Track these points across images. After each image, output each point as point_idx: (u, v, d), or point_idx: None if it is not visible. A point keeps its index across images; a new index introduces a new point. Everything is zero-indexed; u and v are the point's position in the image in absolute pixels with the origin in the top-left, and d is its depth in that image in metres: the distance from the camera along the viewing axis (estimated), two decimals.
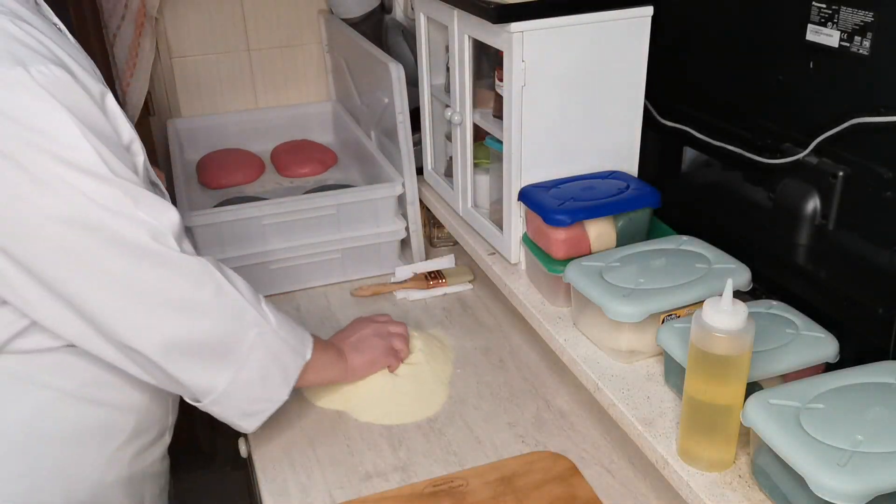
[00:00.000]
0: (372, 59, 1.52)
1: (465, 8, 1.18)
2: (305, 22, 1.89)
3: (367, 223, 1.47)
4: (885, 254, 0.94)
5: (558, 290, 1.15)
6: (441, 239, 1.61)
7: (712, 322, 0.79)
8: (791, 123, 1.04)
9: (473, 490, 1.02)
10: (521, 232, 1.23)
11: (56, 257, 0.86)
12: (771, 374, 0.89)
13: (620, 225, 1.16)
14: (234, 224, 1.38)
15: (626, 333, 1.01)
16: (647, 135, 1.24)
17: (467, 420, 1.16)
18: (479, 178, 1.35)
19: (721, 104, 1.16)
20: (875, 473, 0.71)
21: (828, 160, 0.99)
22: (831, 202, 0.99)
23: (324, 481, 1.05)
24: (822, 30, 0.95)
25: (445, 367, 1.25)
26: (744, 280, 1.03)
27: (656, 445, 0.91)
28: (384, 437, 1.13)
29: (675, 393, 0.98)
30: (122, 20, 1.67)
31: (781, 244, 1.07)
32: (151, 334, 0.91)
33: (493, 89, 1.25)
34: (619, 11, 1.13)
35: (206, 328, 0.94)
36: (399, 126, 1.43)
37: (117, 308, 0.89)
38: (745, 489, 0.84)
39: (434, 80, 1.46)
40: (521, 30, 1.09)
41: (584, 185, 1.18)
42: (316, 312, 1.42)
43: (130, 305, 0.90)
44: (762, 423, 0.79)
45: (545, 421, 1.15)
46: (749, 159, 1.10)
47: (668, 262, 1.06)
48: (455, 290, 1.47)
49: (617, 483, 1.05)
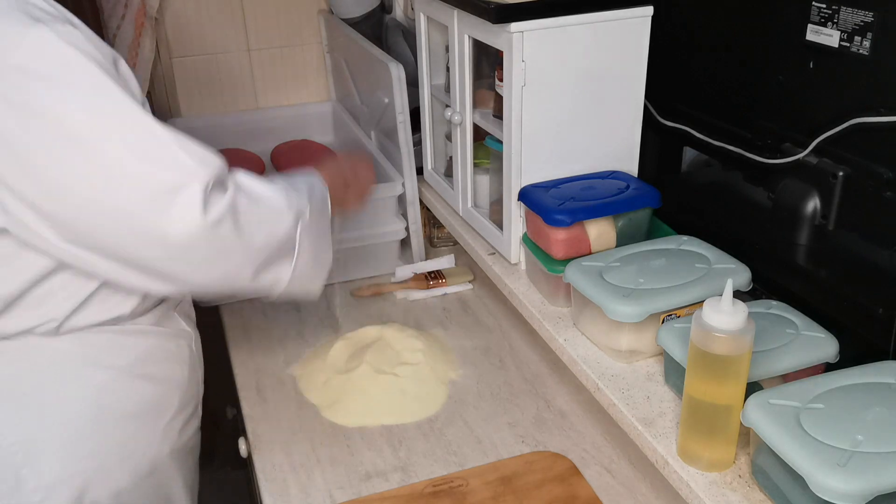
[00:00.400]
0: (372, 59, 1.52)
1: (465, 8, 1.18)
2: (305, 22, 1.89)
3: (367, 223, 1.47)
4: (885, 254, 0.94)
5: (558, 290, 1.15)
6: (441, 239, 1.61)
7: (712, 322, 0.79)
8: (791, 123, 1.04)
9: (473, 490, 1.02)
10: (521, 232, 1.23)
11: (110, 216, 0.85)
12: (771, 374, 0.89)
13: (620, 225, 1.16)
14: None
15: (626, 333, 1.01)
16: (647, 135, 1.24)
17: (467, 420, 1.16)
18: (479, 178, 1.35)
19: (721, 104, 1.16)
20: (875, 473, 0.71)
21: (828, 160, 0.99)
22: (831, 202, 0.99)
23: (324, 481, 1.05)
24: (822, 30, 0.95)
25: (445, 367, 1.25)
26: (744, 280, 1.03)
27: (656, 445, 0.91)
28: (384, 437, 1.13)
29: (675, 393, 0.98)
30: (122, 20, 1.67)
31: (781, 244, 1.07)
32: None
33: (493, 89, 1.25)
34: (619, 11, 1.13)
35: (257, 248, 0.93)
36: (399, 126, 1.43)
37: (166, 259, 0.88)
38: (745, 489, 0.84)
39: (434, 80, 1.46)
40: (521, 30, 1.09)
41: (584, 185, 1.18)
42: (316, 312, 1.42)
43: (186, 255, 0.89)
44: (762, 423, 0.79)
45: (545, 421, 1.15)
46: (749, 159, 1.10)
47: (668, 262, 1.06)
48: (455, 290, 1.47)
49: (617, 483, 1.05)
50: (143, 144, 0.84)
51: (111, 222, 0.85)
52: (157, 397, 1.04)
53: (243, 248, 0.91)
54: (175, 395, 1.07)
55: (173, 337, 1.07)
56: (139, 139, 0.84)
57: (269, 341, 1.35)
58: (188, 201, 0.85)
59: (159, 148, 0.85)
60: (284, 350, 1.32)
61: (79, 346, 0.96)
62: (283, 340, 1.35)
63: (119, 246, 0.87)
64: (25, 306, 0.92)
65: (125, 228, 0.85)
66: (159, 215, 0.84)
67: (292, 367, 1.28)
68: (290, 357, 1.30)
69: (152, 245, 0.86)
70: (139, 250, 0.87)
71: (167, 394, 1.05)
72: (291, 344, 1.34)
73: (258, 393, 1.23)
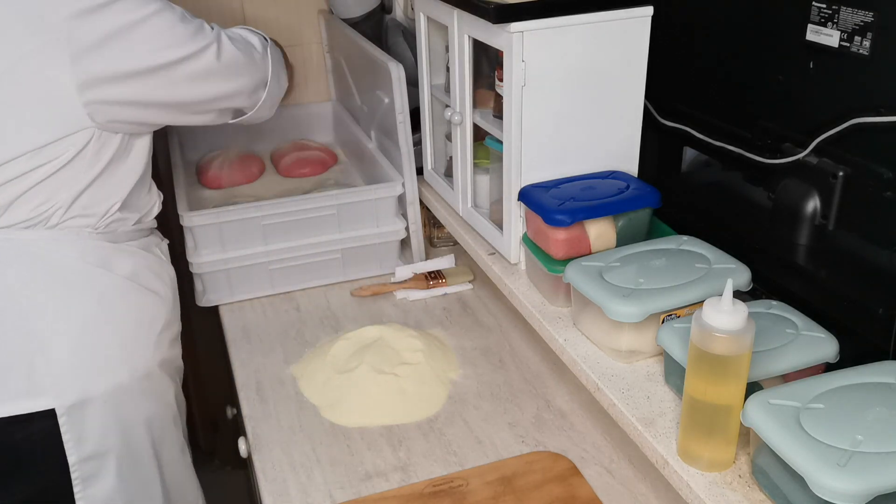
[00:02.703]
0: (372, 59, 1.52)
1: (465, 8, 1.18)
2: (305, 22, 1.89)
3: (367, 223, 1.47)
4: (885, 254, 0.94)
5: (558, 290, 1.15)
6: (441, 239, 1.61)
7: (712, 322, 0.79)
8: (791, 123, 1.04)
9: (473, 490, 1.02)
10: (521, 232, 1.23)
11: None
12: (771, 374, 0.89)
13: (620, 225, 1.16)
14: (234, 224, 1.38)
15: (626, 333, 1.01)
16: (647, 135, 1.24)
17: (467, 420, 1.16)
18: (479, 178, 1.35)
19: (721, 104, 1.16)
20: (875, 473, 0.71)
21: (828, 160, 0.99)
22: (831, 202, 0.99)
23: (324, 481, 1.05)
24: (822, 30, 0.95)
25: (445, 367, 1.25)
26: (744, 280, 1.03)
27: (656, 445, 0.91)
28: (384, 437, 1.13)
29: (675, 393, 0.98)
30: None
31: (781, 244, 1.07)
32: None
33: (493, 89, 1.25)
34: (619, 11, 1.13)
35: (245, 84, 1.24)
36: (399, 126, 1.43)
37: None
38: (745, 489, 0.84)
39: (434, 80, 1.46)
40: (521, 30, 1.09)
41: (584, 185, 1.18)
42: (316, 312, 1.42)
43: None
44: (762, 423, 0.79)
45: (545, 421, 1.15)
46: (749, 159, 1.10)
47: (668, 262, 1.06)
48: (455, 290, 1.48)
49: (617, 483, 1.05)
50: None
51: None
52: (150, 308, 1.17)
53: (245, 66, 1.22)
54: (163, 310, 1.20)
55: (157, 263, 1.22)
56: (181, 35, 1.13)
57: (269, 341, 1.35)
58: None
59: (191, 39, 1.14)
60: (284, 350, 1.32)
61: (84, 253, 1.10)
62: (283, 340, 1.35)
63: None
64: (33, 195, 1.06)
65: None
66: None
67: (292, 367, 1.28)
68: (290, 357, 1.31)
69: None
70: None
71: (158, 307, 1.19)
72: (291, 344, 1.34)
73: (258, 393, 1.23)
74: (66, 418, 1.06)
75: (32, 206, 1.06)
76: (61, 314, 1.07)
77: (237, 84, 1.21)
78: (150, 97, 1.10)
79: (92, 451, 1.10)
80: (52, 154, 1.04)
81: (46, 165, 1.04)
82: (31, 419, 1.04)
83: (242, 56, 1.20)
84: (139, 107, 1.10)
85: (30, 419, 1.04)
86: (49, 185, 1.05)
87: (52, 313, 1.07)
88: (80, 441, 1.08)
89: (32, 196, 1.05)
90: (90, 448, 1.09)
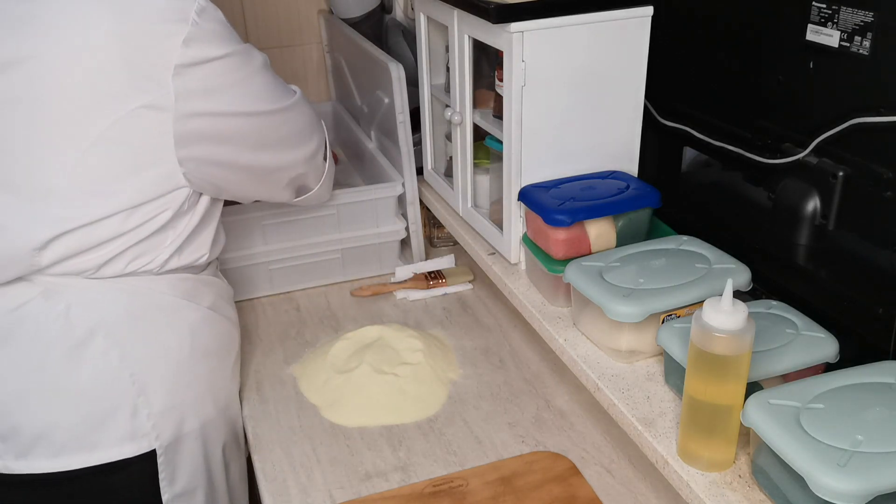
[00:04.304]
0: (372, 59, 1.52)
1: (465, 8, 1.18)
2: (305, 22, 1.89)
3: (367, 223, 1.47)
4: (884, 254, 0.94)
5: (558, 290, 1.15)
6: (441, 239, 1.61)
7: (712, 322, 0.79)
8: (791, 123, 1.04)
9: (473, 490, 1.02)
10: (521, 232, 1.23)
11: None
12: (771, 374, 0.89)
13: (620, 225, 1.16)
14: (234, 224, 1.38)
15: (626, 333, 1.01)
16: (647, 135, 1.24)
17: (467, 420, 1.16)
18: (479, 178, 1.35)
19: (721, 104, 1.16)
20: (875, 473, 0.71)
21: (828, 160, 0.99)
22: (831, 202, 0.99)
23: (324, 481, 1.05)
24: (822, 30, 0.95)
25: (445, 367, 1.25)
26: (744, 280, 1.03)
27: (656, 445, 0.91)
28: (384, 437, 1.13)
29: (675, 393, 0.98)
30: None
31: (781, 244, 1.07)
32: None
33: (493, 89, 1.25)
34: (619, 11, 1.13)
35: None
36: (399, 126, 1.43)
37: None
38: (745, 489, 0.84)
39: (434, 80, 1.46)
40: (521, 30, 1.09)
41: (584, 185, 1.18)
42: (316, 312, 1.42)
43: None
44: (762, 423, 0.79)
45: (545, 421, 1.15)
46: (749, 159, 1.10)
47: (668, 262, 1.06)
48: (455, 290, 1.48)
49: (617, 483, 1.05)
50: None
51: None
52: (227, 336, 1.16)
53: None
54: (237, 337, 1.20)
55: (225, 289, 1.20)
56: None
57: (269, 341, 1.35)
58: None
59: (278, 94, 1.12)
60: (284, 350, 1.32)
61: (174, 287, 1.07)
62: (283, 340, 1.35)
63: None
64: (146, 248, 1.03)
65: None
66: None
67: (292, 367, 1.28)
68: (290, 357, 1.31)
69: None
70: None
71: (234, 334, 1.19)
72: (291, 344, 1.34)
73: (258, 393, 1.23)
74: (163, 458, 1.05)
75: (126, 262, 1.02)
76: (159, 353, 1.05)
77: (312, 144, 1.17)
78: (238, 157, 1.06)
79: (182, 488, 1.08)
80: (149, 213, 1.00)
81: (145, 225, 1.01)
82: (131, 462, 1.02)
83: (313, 113, 1.17)
84: (226, 168, 1.06)
85: (130, 462, 1.02)
86: (147, 244, 1.02)
87: (151, 353, 1.04)
88: (173, 479, 1.07)
89: (129, 254, 1.02)
90: (181, 485, 1.08)
